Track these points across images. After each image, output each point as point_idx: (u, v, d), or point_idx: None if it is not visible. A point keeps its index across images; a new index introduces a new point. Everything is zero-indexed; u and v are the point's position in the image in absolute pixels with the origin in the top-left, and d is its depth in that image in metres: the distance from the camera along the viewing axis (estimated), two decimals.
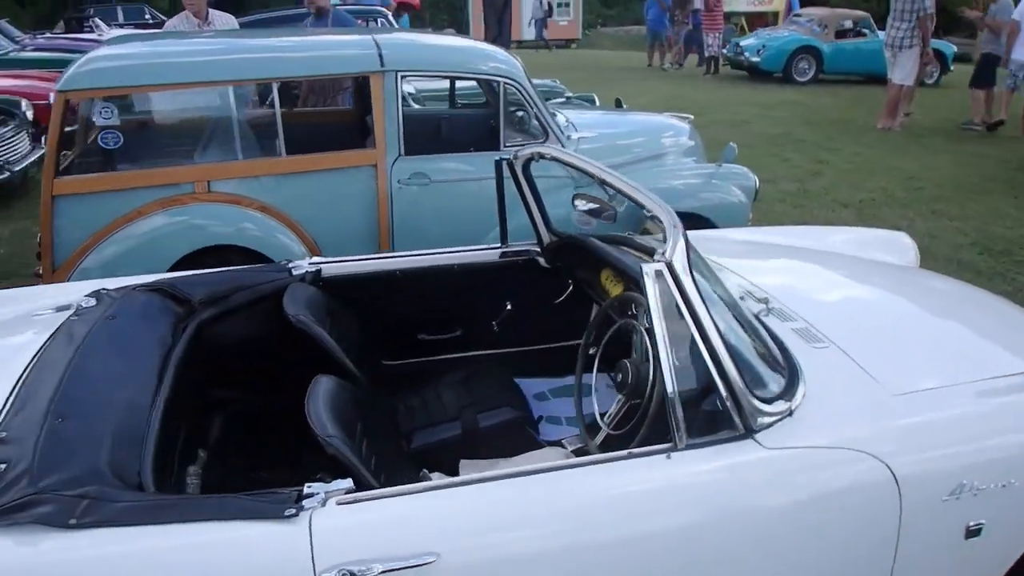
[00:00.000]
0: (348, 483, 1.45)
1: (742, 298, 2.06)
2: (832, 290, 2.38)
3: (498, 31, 8.25)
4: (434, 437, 2.18)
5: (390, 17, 7.20)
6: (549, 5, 20.49)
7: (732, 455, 1.54)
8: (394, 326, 2.64)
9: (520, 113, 3.85)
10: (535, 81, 7.31)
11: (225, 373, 2.31)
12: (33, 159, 6.03)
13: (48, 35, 13.69)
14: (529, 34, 20.35)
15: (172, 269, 3.15)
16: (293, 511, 1.36)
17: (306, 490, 1.41)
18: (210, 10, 4.77)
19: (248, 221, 3.46)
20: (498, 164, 2.49)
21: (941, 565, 1.70)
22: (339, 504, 1.41)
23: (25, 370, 1.81)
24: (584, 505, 1.47)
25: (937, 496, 1.62)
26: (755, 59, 12.67)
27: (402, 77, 3.55)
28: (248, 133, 3.54)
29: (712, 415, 1.56)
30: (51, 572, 1.30)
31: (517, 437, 2.16)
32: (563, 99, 6.57)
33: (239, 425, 2.26)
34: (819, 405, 1.66)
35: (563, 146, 3.78)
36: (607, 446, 1.86)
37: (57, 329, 2.01)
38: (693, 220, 3.77)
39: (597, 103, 6.71)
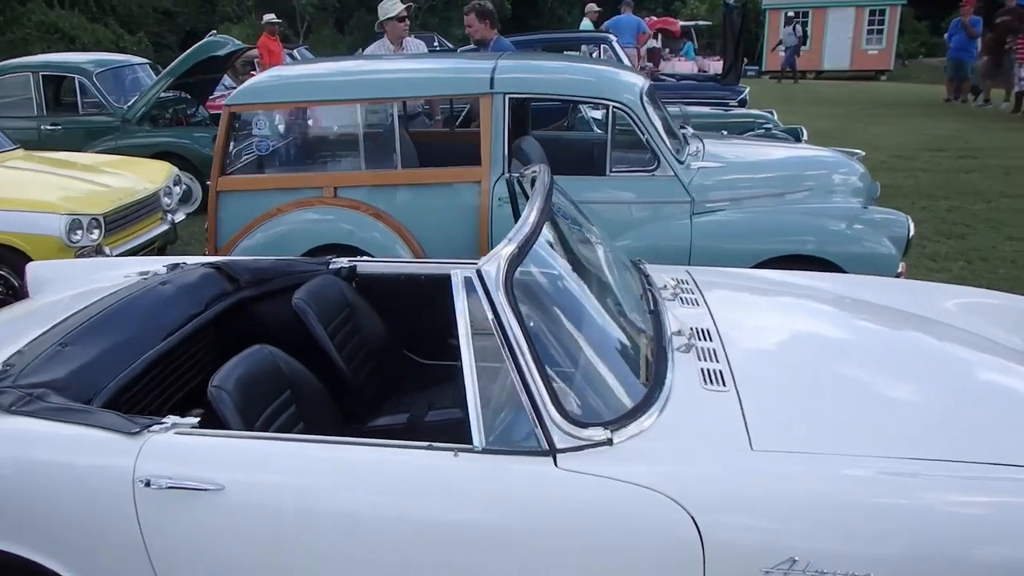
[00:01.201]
0: (194, 420, 1.73)
1: (679, 332, 1.96)
2: (801, 340, 2.13)
3: (734, 58, 8.08)
4: (377, 422, 2.37)
5: (614, 44, 7.41)
6: (804, 33, 19.62)
7: (523, 467, 1.53)
8: (424, 327, 2.87)
9: (635, 138, 3.85)
10: (752, 111, 7.13)
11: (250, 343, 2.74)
12: None
13: None
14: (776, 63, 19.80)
15: None
16: (137, 429, 1.68)
17: (164, 420, 1.73)
18: (406, 38, 5.43)
19: (363, 225, 3.93)
20: (509, 182, 2.61)
21: None
22: (177, 434, 1.69)
23: (74, 313, 2.38)
24: (361, 477, 1.58)
25: (757, 568, 1.44)
26: None
27: (509, 99, 3.78)
28: (372, 147, 4.03)
29: (519, 427, 1.57)
30: None
31: (451, 435, 2.26)
32: (762, 131, 6.32)
33: None
34: (656, 442, 1.57)
35: (675, 174, 3.72)
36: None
37: (120, 287, 2.58)
38: (818, 265, 3.47)
39: (804, 136, 6.31)
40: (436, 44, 20.51)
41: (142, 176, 5.31)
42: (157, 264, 2.85)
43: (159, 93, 7.16)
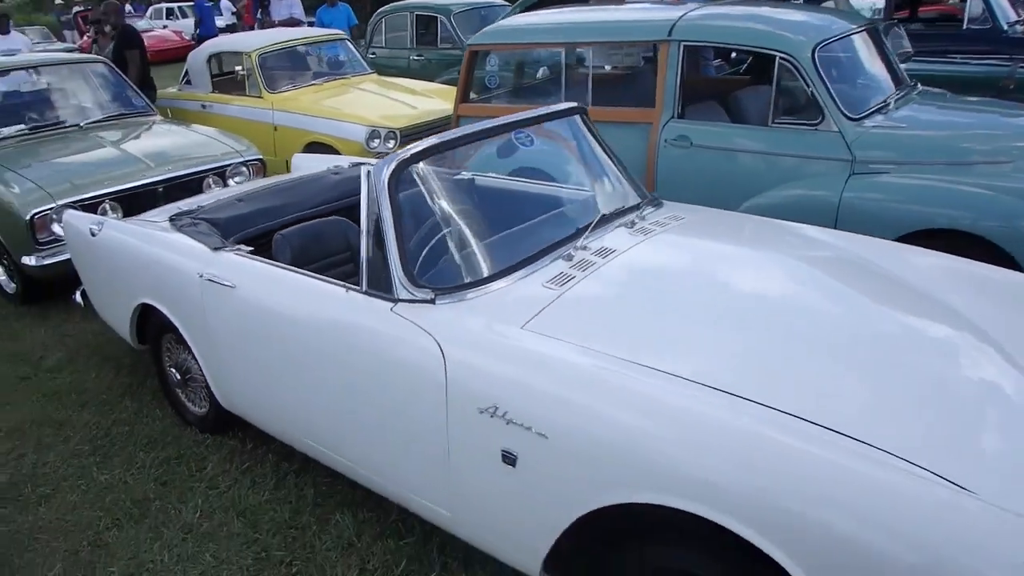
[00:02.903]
0: (250, 249, 2.79)
1: (583, 247, 2.40)
2: (685, 278, 2.37)
3: None
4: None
5: None
6: None
7: (376, 304, 2.24)
8: None
9: (801, 90, 3.86)
10: None
11: None
12: None
13: None
14: None
15: None
16: (216, 247, 2.80)
17: (235, 247, 2.82)
18: None
19: None
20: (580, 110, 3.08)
21: (487, 478, 1.99)
22: (235, 255, 2.77)
23: (267, 184, 3.64)
24: (303, 294, 2.45)
25: (471, 405, 1.97)
26: None
27: (685, 47, 4.08)
28: (571, 85, 4.65)
29: (385, 281, 2.27)
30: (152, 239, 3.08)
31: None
32: None
33: None
34: (465, 309, 2.14)
35: (839, 130, 3.70)
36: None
37: (311, 172, 3.77)
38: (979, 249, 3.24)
39: None
40: None
41: (450, 102, 6.64)
42: (347, 163, 3.98)
43: None
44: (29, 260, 4.34)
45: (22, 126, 5.28)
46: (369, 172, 2.31)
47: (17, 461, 3.18)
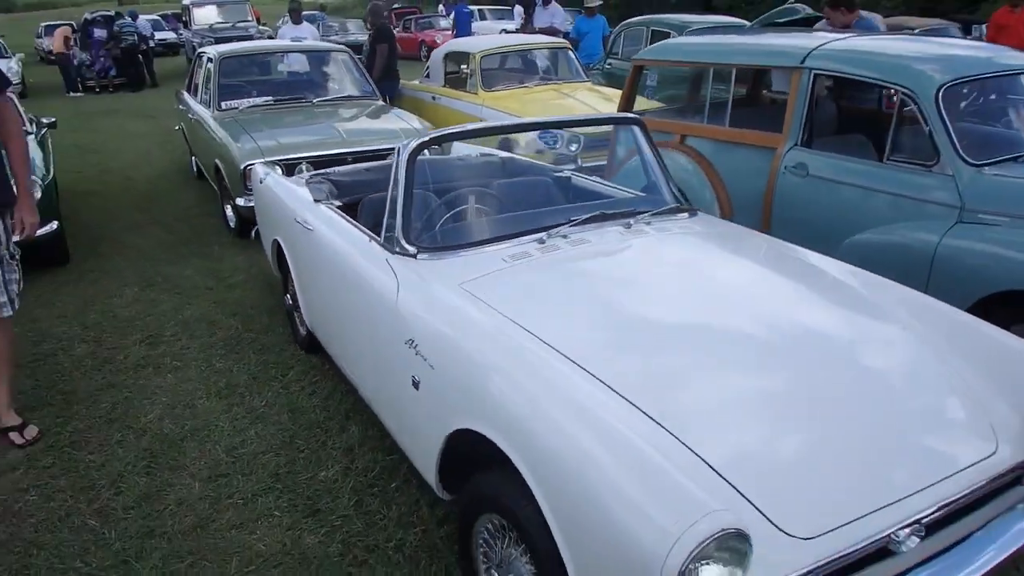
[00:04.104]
0: (338, 204, 3.53)
1: (564, 235, 2.78)
2: (645, 278, 2.61)
3: None
4: None
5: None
6: None
7: (381, 252, 2.80)
8: None
9: (920, 128, 3.74)
10: None
11: None
12: None
13: None
14: None
15: None
16: (319, 198, 3.57)
17: (330, 201, 3.57)
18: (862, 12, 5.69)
19: (688, 172, 4.87)
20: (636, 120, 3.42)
21: (406, 398, 2.46)
22: (326, 207, 3.52)
23: None
24: (347, 240, 3.09)
25: (400, 337, 2.47)
26: None
27: (815, 75, 4.13)
28: (714, 104, 4.84)
29: (390, 235, 2.84)
30: (286, 190, 3.93)
31: None
32: None
33: None
34: (433, 267, 2.64)
35: (952, 174, 3.58)
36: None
37: (449, 157, 4.47)
38: None
39: None
40: None
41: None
42: (487, 151, 4.60)
43: None
44: (240, 201, 5.56)
45: (269, 98, 6.65)
46: (399, 149, 2.88)
47: (172, 342, 4.26)
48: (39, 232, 4.95)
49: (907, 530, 1.80)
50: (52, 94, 16.81)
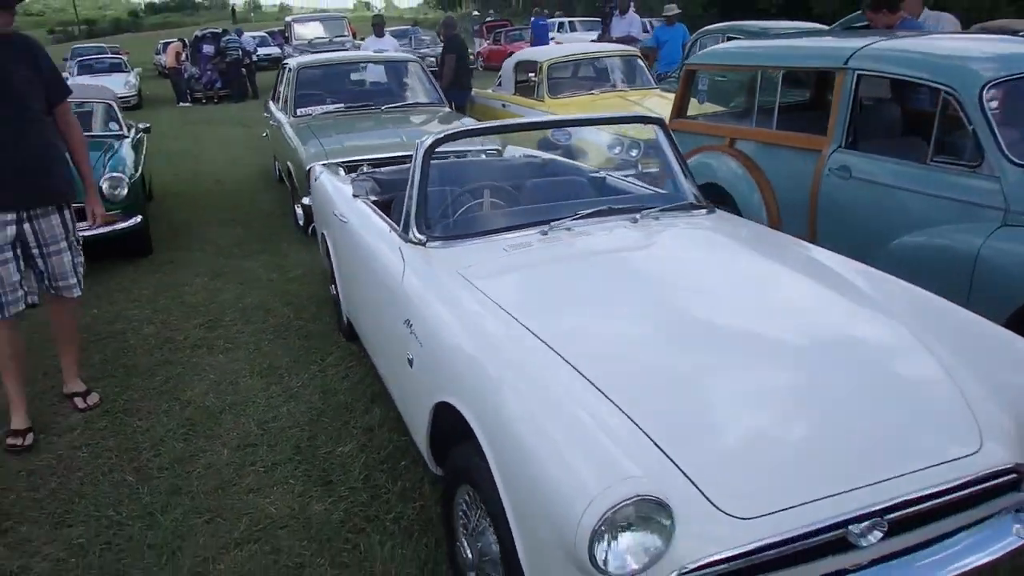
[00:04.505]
0: (374, 199, 3.75)
1: (568, 228, 2.89)
2: (623, 266, 2.70)
3: None
4: None
5: None
6: None
7: (395, 241, 2.98)
8: None
9: (964, 128, 3.64)
10: None
11: None
12: None
13: None
14: None
15: None
16: (355, 194, 3.80)
17: (366, 197, 3.80)
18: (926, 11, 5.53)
19: (737, 175, 4.87)
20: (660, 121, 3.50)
21: (404, 375, 2.62)
22: (362, 202, 3.75)
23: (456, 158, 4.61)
24: (374, 232, 3.29)
25: (401, 317, 2.63)
26: None
27: (859, 76, 4.08)
28: (761, 107, 4.82)
29: (406, 225, 3.02)
30: (332, 185, 4.18)
31: None
32: None
33: None
34: (437, 254, 2.79)
35: (998, 175, 3.48)
36: None
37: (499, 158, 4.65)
38: None
39: None
40: None
41: None
42: (532, 153, 4.74)
43: None
44: (305, 200, 5.89)
45: (341, 105, 7.01)
46: (417, 145, 3.06)
47: (229, 326, 4.59)
48: (124, 224, 5.51)
49: (866, 523, 1.79)
50: (164, 104, 18.07)
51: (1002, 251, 3.32)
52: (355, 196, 3.78)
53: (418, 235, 2.88)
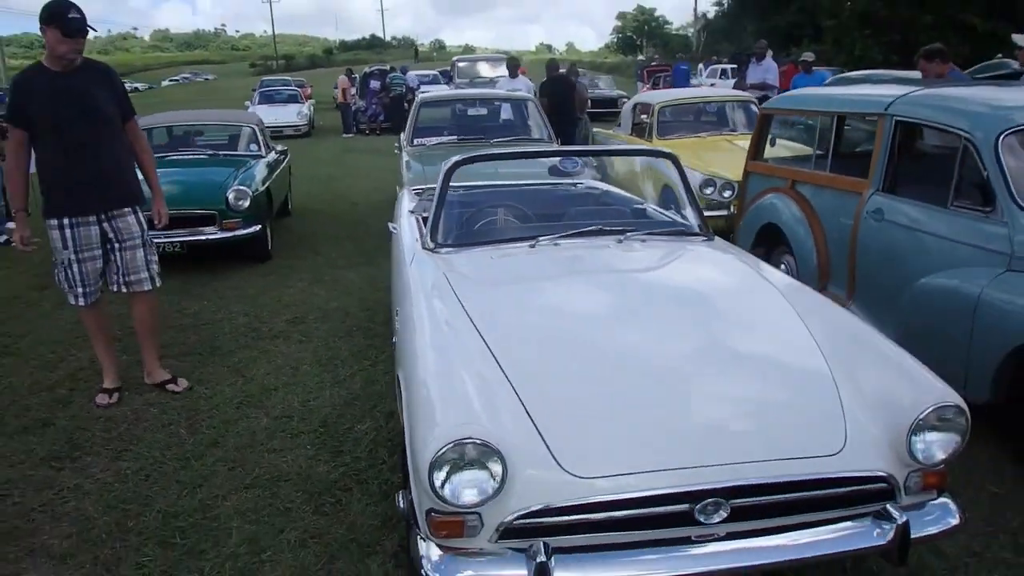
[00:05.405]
0: (424, 216, 4.33)
1: (556, 242, 3.32)
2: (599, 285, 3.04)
3: None
4: None
5: None
6: None
7: (417, 248, 3.50)
8: None
9: (980, 174, 3.68)
10: None
11: None
12: None
13: None
14: None
15: None
16: (410, 212, 4.40)
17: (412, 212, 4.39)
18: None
19: (793, 215, 5.02)
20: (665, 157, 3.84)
21: (393, 360, 3.13)
22: (413, 216, 4.32)
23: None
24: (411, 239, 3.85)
25: (394, 308, 3.14)
26: None
27: (897, 123, 4.19)
28: (819, 151, 4.97)
29: (424, 235, 3.55)
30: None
31: None
32: None
33: None
34: (443, 258, 3.30)
35: (1007, 220, 3.52)
36: None
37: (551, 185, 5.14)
38: None
39: None
40: None
41: None
42: (594, 184, 5.16)
43: None
44: None
45: (455, 137, 7.72)
46: (442, 165, 3.59)
47: (310, 323, 5.32)
48: (243, 232, 6.44)
49: (709, 500, 2.05)
50: (331, 134, 19.95)
51: (998, 297, 3.35)
52: (411, 212, 4.35)
53: (431, 244, 3.39)
